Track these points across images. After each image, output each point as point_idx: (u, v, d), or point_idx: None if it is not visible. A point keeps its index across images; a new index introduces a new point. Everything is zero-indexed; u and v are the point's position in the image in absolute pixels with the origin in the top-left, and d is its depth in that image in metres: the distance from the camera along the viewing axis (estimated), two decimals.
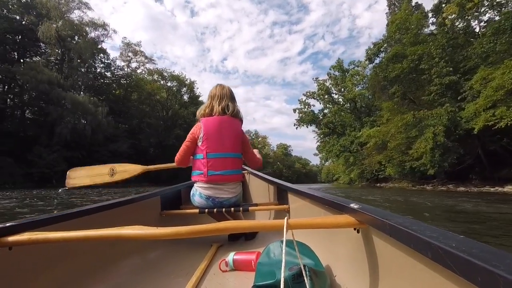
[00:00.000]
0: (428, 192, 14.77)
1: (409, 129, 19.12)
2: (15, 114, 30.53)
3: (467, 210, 6.31)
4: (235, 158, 1.89)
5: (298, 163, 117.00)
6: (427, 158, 16.62)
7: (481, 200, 8.63)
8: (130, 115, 42.07)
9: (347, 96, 37.22)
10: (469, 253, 0.42)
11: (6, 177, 23.34)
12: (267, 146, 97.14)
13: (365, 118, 35.97)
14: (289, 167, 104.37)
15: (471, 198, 9.40)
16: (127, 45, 46.99)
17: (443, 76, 16.22)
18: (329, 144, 40.34)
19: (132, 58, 47.19)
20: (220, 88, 1.99)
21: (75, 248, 1.13)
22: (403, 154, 20.84)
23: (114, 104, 39.56)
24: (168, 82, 47.19)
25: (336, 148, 38.27)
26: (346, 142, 37.41)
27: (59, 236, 0.88)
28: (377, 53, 23.97)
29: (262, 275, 0.94)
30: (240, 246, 1.79)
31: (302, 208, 1.61)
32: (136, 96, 44.28)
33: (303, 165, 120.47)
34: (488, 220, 5.00)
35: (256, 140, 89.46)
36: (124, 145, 35.00)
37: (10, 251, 0.87)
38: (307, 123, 43.99)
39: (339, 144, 37.99)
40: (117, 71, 44.93)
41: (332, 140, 40.38)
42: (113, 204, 1.40)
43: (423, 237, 0.53)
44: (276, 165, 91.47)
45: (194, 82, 49.70)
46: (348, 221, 0.87)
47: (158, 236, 0.87)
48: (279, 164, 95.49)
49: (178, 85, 47.74)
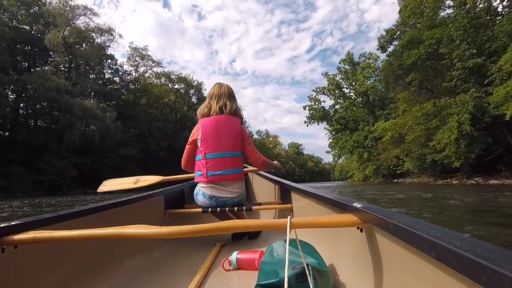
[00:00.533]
0: (454, 186, 13.40)
1: (429, 119, 17.72)
2: (25, 122, 30.79)
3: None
4: (234, 157, 1.85)
5: (310, 161, 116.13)
6: (451, 150, 15.23)
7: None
8: (139, 119, 41.98)
9: (359, 90, 35.71)
10: (474, 253, 0.42)
11: (15, 185, 23.33)
12: (278, 145, 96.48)
13: (378, 111, 34.42)
14: (301, 166, 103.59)
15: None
16: (134, 50, 47.16)
17: (466, 59, 14.80)
18: (341, 141, 38.84)
19: (140, 63, 47.35)
20: (218, 87, 1.97)
21: (79, 247, 1.14)
22: (423, 147, 19.43)
23: (123, 109, 39.59)
24: (175, 84, 46.92)
25: (349, 144, 36.80)
26: (359, 137, 35.93)
27: (64, 234, 0.89)
28: (390, 40, 22.49)
29: (265, 274, 0.95)
30: (244, 245, 1.77)
31: (305, 207, 1.60)
32: (144, 100, 44.26)
33: (315, 163, 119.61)
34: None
35: (267, 139, 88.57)
36: (133, 150, 34.83)
37: (15, 249, 0.88)
38: (318, 120, 42.75)
39: (352, 140, 36.53)
40: (125, 76, 45.17)
41: (344, 136, 38.91)
42: (117, 203, 1.41)
43: (427, 236, 0.52)
44: (288, 165, 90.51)
45: (201, 83, 49.33)
46: (351, 220, 0.87)
47: (161, 235, 0.87)
48: (291, 163, 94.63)
49: (185, 87, 47.40)
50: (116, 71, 44.07)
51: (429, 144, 17.91)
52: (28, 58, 33.20)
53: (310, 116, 43.61)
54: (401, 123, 21.84)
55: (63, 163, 26.90)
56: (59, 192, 25.29)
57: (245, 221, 0.94)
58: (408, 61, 17.78)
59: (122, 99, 43.66)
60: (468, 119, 13.90)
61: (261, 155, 1.98)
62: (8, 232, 0.87)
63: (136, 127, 41.27)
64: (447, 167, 18.99)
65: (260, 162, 1.98)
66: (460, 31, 15.18)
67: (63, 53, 33.28)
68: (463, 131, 14.16)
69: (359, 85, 36.67)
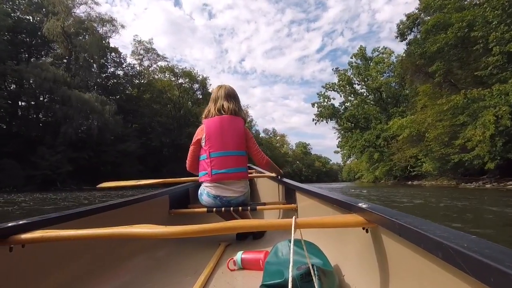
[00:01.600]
0: (490, 191, 11.32)
1: (455, 115, 15.64)
2: (21, 114, 29.69)
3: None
4: (238, 156, 1.87)
5: (318, 161, 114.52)
6: (484, 149, 13.15)
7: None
8: (141, 114, 40.64)
9: (372, 86, 33.54)
10: (482, 253, 0.41)
11: (7, 179, 22.09)
12: (285, 144, 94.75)
13: (392, 109, 32.24)
14: (308, 166, 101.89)
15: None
16: (139, 43, 45.89)
17: (505, 43, 12.68)
18: (352, 140, 36.63)
19: (144, 56, 46.07)
20: (216, 90, 2.01)
21: (85, 246, 1.15)
22: (445, 146, 17.33)
23: (126, 103, 38.36)
24: (179, 79, 45.44)
25: (360, 143, 34.64)
26: (371, 136, 33.78)
27: (71, 234, 0.89)
28: (411, 26, 20.28)
29: (270, 274, 0.95)
30: (248, 245, 1.76)
31: (310, 207, 1.60)
32: (148, 95, 42.95)
33: (323, 163, 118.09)
34: None
35: (274, 138, 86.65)
36: (133, 145, 33.48)
37: (23, 248, 0.89)
38: (327, 117, 40.78)
39: (363, 139, 34.39)
40: (128, 70, 43.95)
41: (355, 135, 36.73)
42: (122, 203, 1.42)
43: (434, 236, 0.52)
44: (295, 164, 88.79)
45: (206, 78, 47.77)
46: (356, 221, 0.86)
47: (166, 235, 0.87)
48: (298, 163, 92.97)
49: (190, 82, 45.88)
50: (119, 64, 42.91)
51: (454, 142, 15.84)
52: (28, 48, 32.14)
53: (319, 113, 41.67)
54: (421, 119, 19.75)
55: (58, 157, 25.60)
56: (52, 188, 24.00)
57: (249, 221, 0.94)
58: (433, 48, 15.71)
59: (126, 93, 42.49)
60: (508, 112, 11.82)
61: (265, 155, 2.00)
62: (15, 231, 0.87)
63: (138, 121, 39.98)
64: (469, 169, 16.89)
65: (264, 161, 2.00)
66: (498, 11, 13.05)
67: (63, 43, 32.12)
68: (501, 126, 12.08)
69: (372, 80, 34.48)
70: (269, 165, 2.04)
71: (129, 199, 1.48)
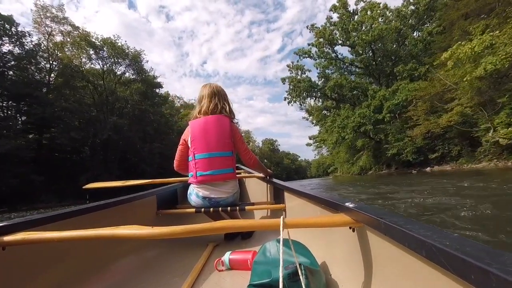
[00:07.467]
0: None
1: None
2: None
3: None
4: (223, 157, 1.78)
5: (286, 159, 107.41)
6: None
7: None
8: (41, 101, 27.41)
9: (366, 39, 24.35)
10: (463, 252, 0.43)
11: None
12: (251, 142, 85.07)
13: (397, 68, 23.43)
14: (277, 164, 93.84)
15: None
16: (42, 9, 32.21)
17: None
18: (340, 118, 27.25)
19: (53, 28, 32.52)
20: (200, 90, 1.93)
21: (70, 248, 1.12)
22: None
23: (21, 89, 25.04)
24: (99, 52, 32.70)
25: (353, 120, 25.37)
26: (368, 110, 24.75)
27: (54, 236, 0.86)
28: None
29: (258, 274, 0.93)
30: (237, 245, 1.73)
31: (298, 207, 1.57)
32: (60, 79, 29.73)
33: (292, 160, 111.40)
34: None
35: None
36: (8, 145, 20.60)
37: (3, 251, 0.86)
38: (302, 93, 31.26)
39: (357, 115, 25.20)
40: (29, 45, 30.13)
41: (344, 111, 27.46)
42: (109, 204, 1.37)
43: (418, 235, 0.53)
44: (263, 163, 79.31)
45: (141, 51, 35.63)
46: (344, 220, 0.85)
47: (154, 236, 0.85)
48: (266, 161, 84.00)
49: (114, 56, 33.33)
50: (16, 40, 29.07)
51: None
52: None
53: (292, 90, 31.99)
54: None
55: None
56: None
57: (238, 221, 0.91)
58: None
59: (25, 75, 28.87)
60: None
61: (254, 155, 1.93)
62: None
63: (32, 111, 26.72)
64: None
65: (252, 161, 1.92)
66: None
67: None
68: None
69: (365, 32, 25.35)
70: (258, 165, 1.98)
71: (115, 199, 1.44)
